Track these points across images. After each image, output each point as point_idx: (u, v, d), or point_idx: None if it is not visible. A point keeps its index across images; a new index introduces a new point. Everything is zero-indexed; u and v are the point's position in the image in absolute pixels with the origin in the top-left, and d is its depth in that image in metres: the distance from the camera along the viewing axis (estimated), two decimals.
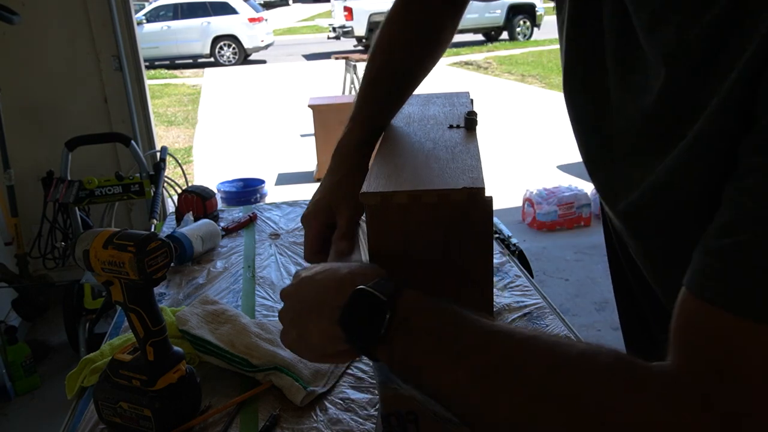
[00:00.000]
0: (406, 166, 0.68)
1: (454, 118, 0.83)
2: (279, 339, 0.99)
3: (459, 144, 0.73)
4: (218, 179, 4.65)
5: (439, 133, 0.77)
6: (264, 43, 13.93)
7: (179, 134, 7.45)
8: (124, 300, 0.80)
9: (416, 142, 0.76)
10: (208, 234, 1.44)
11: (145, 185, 2.69)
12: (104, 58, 3.16)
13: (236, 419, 0.86)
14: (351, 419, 0.86)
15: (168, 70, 12.99)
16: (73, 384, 0.98)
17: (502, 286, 1.22)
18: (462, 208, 0.60)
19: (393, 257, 0.63)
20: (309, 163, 5.55)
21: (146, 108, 3.32)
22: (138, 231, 0.78)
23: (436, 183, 0.61)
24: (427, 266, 0.63)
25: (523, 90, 9.36)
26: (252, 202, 4.29)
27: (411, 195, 0.60)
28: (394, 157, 0.71)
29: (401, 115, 0.88)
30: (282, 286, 1.26)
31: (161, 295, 1.24)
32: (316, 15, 23.02)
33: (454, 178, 0.62)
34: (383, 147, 0.76)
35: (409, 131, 0.81)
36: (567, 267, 3.58)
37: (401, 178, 0.64)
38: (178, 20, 13.44)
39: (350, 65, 6.70)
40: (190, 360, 0.96)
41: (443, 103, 0.92)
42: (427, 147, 0.73)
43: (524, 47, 13.31)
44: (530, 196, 4.11)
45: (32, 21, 2.96)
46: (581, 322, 2.94)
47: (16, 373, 2.52)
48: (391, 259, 0.62)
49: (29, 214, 2.96)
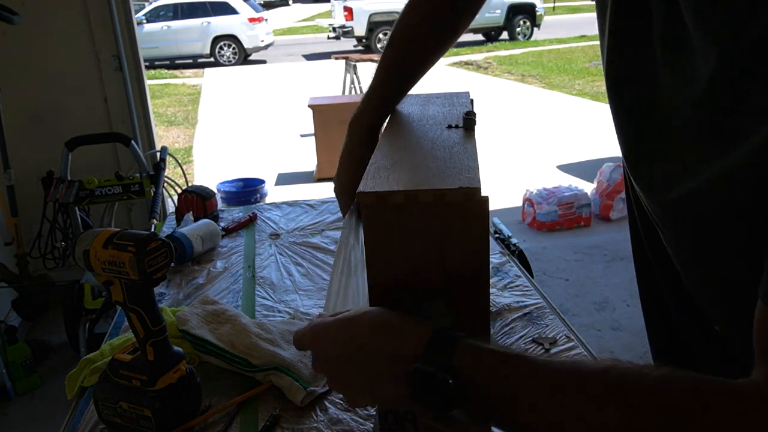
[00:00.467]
0: (403, 165, 0.68)
1: (453, 118, 0.83)
2: (279, 339, 1.00)
3: (457, 144, 0.73)
4: (218, 179, 4.66)
5: (438, 133, 0.77)
6: (264, 43, 13.93)
7: (179, 134, 7.45)
8: (124, 300, 0.80)
9: (414, 142, 0.76)
10: (208, 234, 1.44)
11: (145, 185, 2.69)
12: (104, 58, 3.16)
13: (236, 419, 0.86)
14: (351, 419, 0.86)
15: (168, 70, 12.99)
16: (73, 384, 0.98)
17: (502, 286, 1.22)
18: (458, 208, 0.60)
19: (389, 256, 0.63)
20: (309, 163, 5.55)
21: (146, 108, 3.33)
22: (138, 231, 0.78)
23: (433, 183, 0.61)
24: (424, 265, 0.63)
25: (523, 90, 9.36)
26: (252, 202, 4.29)
27: (407, 194, 0.60)
28: (392, 156, 0.71)
29: (401, 115, 0.88)
30: (282, 286, 1.27)
31: (161, 295, 1.24)
32: (316, 15, 23.00)
33: (450, 178, 0.62)
34: (381, 146, 0.76)
35: (407, 130, 0.81)
36: (567, 267, 3.58)
37: (398, 177, 0.64)
38: (178, 20, 13.44)
39: (350, 65, 6.70)
40: (190, 360, 0.96)
41: (443, 103, 0.92)
42: (425, 146, 0.73)
43: (524, 47, 13.31)
44: (530, 196, 4.11)
45: (32, 21, 2.96)
46: (581, 322, 2.94)
47: (16, 373, 2.52)
48: (387, 259, 0.63)
49: (29, 214, 2.96)
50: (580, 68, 10.54)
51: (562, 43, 13.56)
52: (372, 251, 0.63)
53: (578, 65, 10.84)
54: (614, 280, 3.39)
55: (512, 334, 1.05)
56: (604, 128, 6.69)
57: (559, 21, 17.84)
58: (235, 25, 13.56)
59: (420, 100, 0.94)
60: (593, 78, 9.61)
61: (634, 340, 2.71)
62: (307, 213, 1.67)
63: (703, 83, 0.49)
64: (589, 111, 7.65)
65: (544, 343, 1.02)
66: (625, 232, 0.93)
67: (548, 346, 1.01)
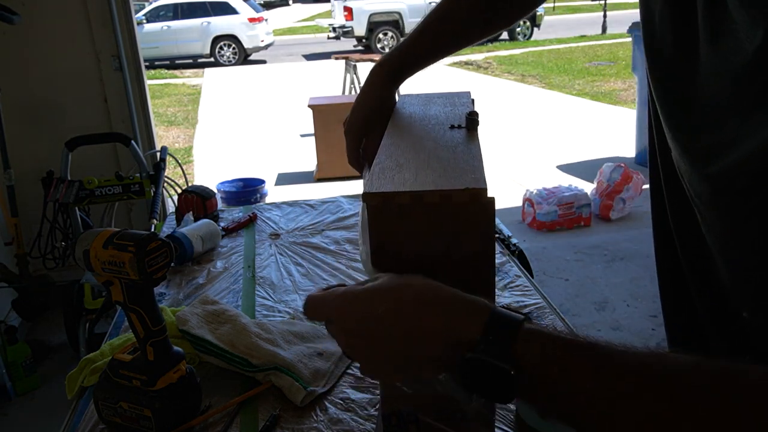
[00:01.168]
0: (407, 166, 0.68)
1: (456, 118, 0.83)
2: (279, 339, 1.00)
3: (460, 144, 0.73)
4: (218, 179, 4.66)
5: (441, 133, 0.77)
6: (264, 43, 13.93)
7: (179, 134, 7.45)
8: (124, 300, 0.80)
9: (418, 142, 0.76)
10: (208, 234, 1.44)
11: (145, 185, 2.69)
12: (104, 58, 3.16)
13: (236, 419, 0.86)
14: (351, 419, 0.86)
15: (168, 70, 13.00)
16: (73, 384, 0.98)
17: (502, 286, 1.22)
18: (464, 209, 0.60)
19: (394, 257, 0.63)
20: (309, 163, 5.55)
21: (146, 108, 3.33)
22: (138, 231, 0.78)
23: (438, 183, 0.61)
24: (429, 266, 0.63)
25: (523, 90, 9.36)
26: (252, 202, 4.29)
27: (412, 195, 0.60)
28: (396, 157, 0.71)
29: (403, 115, 0.88)
30: (282, 286, 1.27)
31: (161, 295, 1.24)
32: (316, 15, 23.02)
33: (455, 179, 0.62)
34: (384, 146, 0.76)
35: (410, 131, 0.81)
36: (567, 267, 3.58)
37: (403, 178, 0.64)
38: (178, 20, 13.45)
39: (350, 65, 6.70)
40: (190, 360, 0.96)
41: (444, 103, 0.92)
42: (429, 147, 0.73)
43: (524, 47, 13.31)
44: (530, 196, 4.11)
45: (32, 21, 2.96)
46: (581, 322, 2.94)
47: (16, 373, 2.52)
48: (392, 259, 0.62)
49: (29, 214, 2.96)
50: (580, 68, 10.55)
51: (562, 43, 13.57)
52: (377, 252, 0.63)
53: (578, 65, 10.84)
54: (614, 280, 3.39)
55: None
56: (604, 128, 6.69)
57: (559, 21, 17.85)
58: (235, 25, 13.57)
59: (421, 100, 0.94)
60: (593, 78, 9.62)
61: (634, 340, 2.70)
62: (307, 213, 1.67)
63: (749, 56, 0.49)
64: (589, 111, 7.65)
65: None
66: (625, 232, 0.93)
67: None
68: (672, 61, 0.62)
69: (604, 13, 15.08)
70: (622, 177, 4.10)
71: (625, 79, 8.99)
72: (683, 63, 0.60)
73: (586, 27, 15.56)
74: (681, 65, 0.60)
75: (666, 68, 0.64)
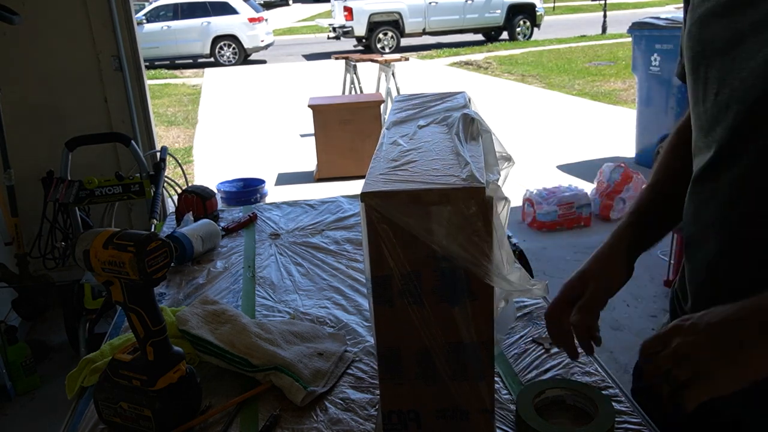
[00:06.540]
0: (406, 165, 0.68)
1: (453, 117, 0.83)
2: (279, 339, 1.00)
3: (459, 144, 0.73)
4: (218, 179, 4.65)
5: (439, 133, 0.77)
6: (264, 43, 13.93)
7: (179, 134, 7.45)
8: (124, 300, 0.80)
9: (416, 142, 0.76)
10: (208, 234, 1.44)
11: (145, 185, 2.69)
12: (104, 58, 3.16)
13: (236, 419, 0.86)
14: (351, 419, 0.86)
15: (168, 70, 13.00)
16: (73, 384, 0.98)
17: None
18: (462, 208, 0.60)
19: (393, 256, 0.63)
20: (309, 163, 5.55)
21: (146, 108, 3.33)
22: (138, 231, 0.78)
23: (437, 182, 0.61)
24: (428, 265, 0.63)
25: (523, 90, 9.36)
26: (252, 202, 4.29)
27: (411, 194, 0.60)
28: (395, 157, 0.71)
29: (401, 115, 0.88)
30: (282, 286, 1.27)
31: (161, 295, 1.24)
32: (316, 15, 23.00)
33: (454, 178, 0.62)
34: (383, 147, 0.76)
35: (408, 131, 0.81)
36: (567, 267, 3.58)
37: (401, 177, 0.64)
38: (178, 20, 13.44)
39: (350, 65, 6.70)
40: (190, 360, 0.96)
41: (441, 103, 0.92)
42: (427, 147, 0.73)
43: (524, 47, 13.31)
44: (530, 196, 4.11)
45: (32, 21, 2.97)
46: None
47: (16, 373, 2.52)
48: (390, 258, 0.62)
49: (29, 214, 2.96)
50: (580, 68, 10.54)
51: (562, 43, 13.56)
52: (375, 250, 0.63)
53: (578, 65, 10.83)
54: None
55: (512, 334, 1.05)
56: (604, 128, 6.69)
57: (559, 21, 17.84)
58: (235, 25, 13.56)
59: (419, 101, 0.94)
60: (593, 78, 9.61)
61: (634, 340, 2.71)
62: (307, 213, 1.67)
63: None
64: (589, 111, 7.64)
65: (544, 343, 1.02)
66: None
67: (548, 346, 1.01)
68: (717, 46, 0.70)
69: (604, 13, 15.08)
70: (622, 177, 4.09)
71: (625, 79, 8.99)
72: (733, 50, 0.67)
73: (586, 27, 15.55)
74: (730, 53, 0.68)
75: (714, 50, 0.71)
